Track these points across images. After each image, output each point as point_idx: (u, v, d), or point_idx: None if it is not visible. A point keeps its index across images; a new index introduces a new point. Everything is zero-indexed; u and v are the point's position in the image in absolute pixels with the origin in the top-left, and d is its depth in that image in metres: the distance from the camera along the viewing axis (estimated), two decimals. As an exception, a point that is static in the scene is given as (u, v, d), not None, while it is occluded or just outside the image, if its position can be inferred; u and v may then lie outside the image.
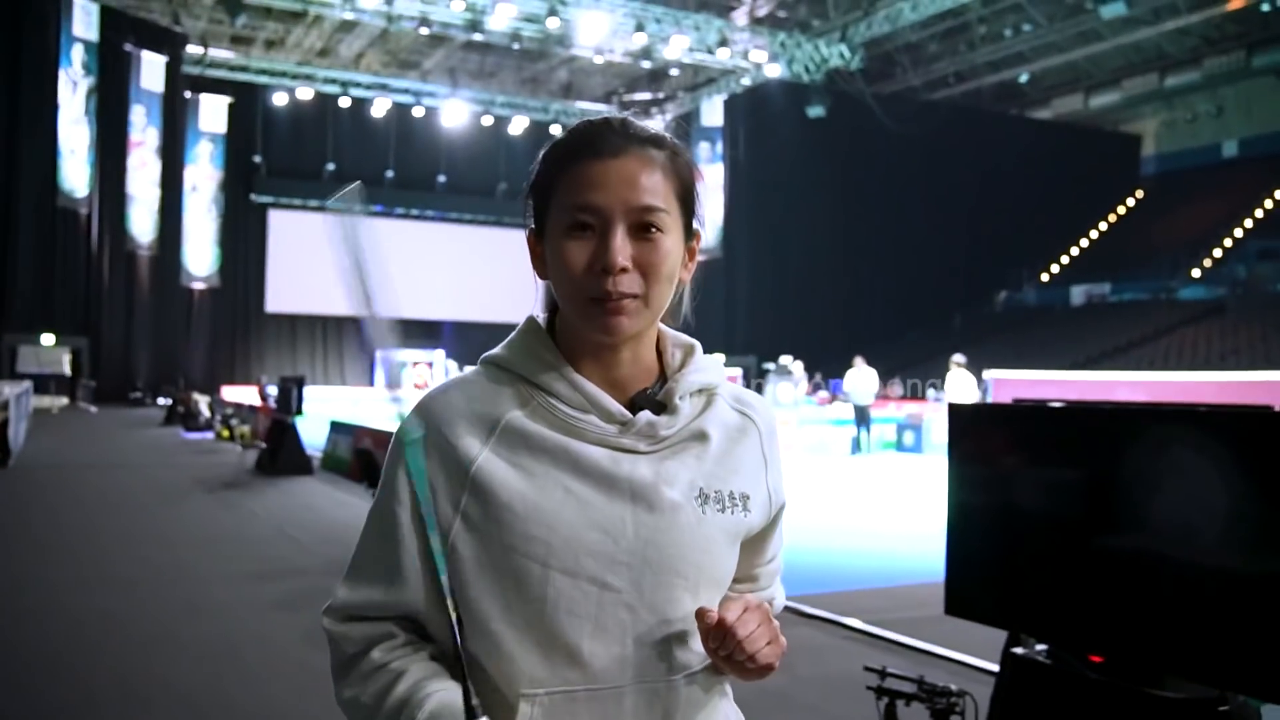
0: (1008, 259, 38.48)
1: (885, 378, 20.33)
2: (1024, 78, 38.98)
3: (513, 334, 1.24)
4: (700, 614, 1.14)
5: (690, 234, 1.21)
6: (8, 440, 13.61)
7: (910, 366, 29.02)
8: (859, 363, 17.66)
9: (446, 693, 1.12)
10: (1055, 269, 40.77)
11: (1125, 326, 31.17)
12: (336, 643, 1.20)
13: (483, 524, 1.13)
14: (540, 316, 1.25)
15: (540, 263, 1.22)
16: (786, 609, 6.22)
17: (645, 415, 1.18)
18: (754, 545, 1.30)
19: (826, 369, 26.95)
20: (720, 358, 1.32)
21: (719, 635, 1.12)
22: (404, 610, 1.18)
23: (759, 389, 24.91)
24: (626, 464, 1.16)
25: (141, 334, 30.08)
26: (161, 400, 26.46)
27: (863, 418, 17.49)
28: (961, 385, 16.95)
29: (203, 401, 21.24)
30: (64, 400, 26.50)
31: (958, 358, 17.17)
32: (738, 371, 30.72)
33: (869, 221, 35.66)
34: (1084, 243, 41.85)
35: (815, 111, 32.08)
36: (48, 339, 26.99)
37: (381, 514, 1.19)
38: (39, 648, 5.32)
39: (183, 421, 20.79)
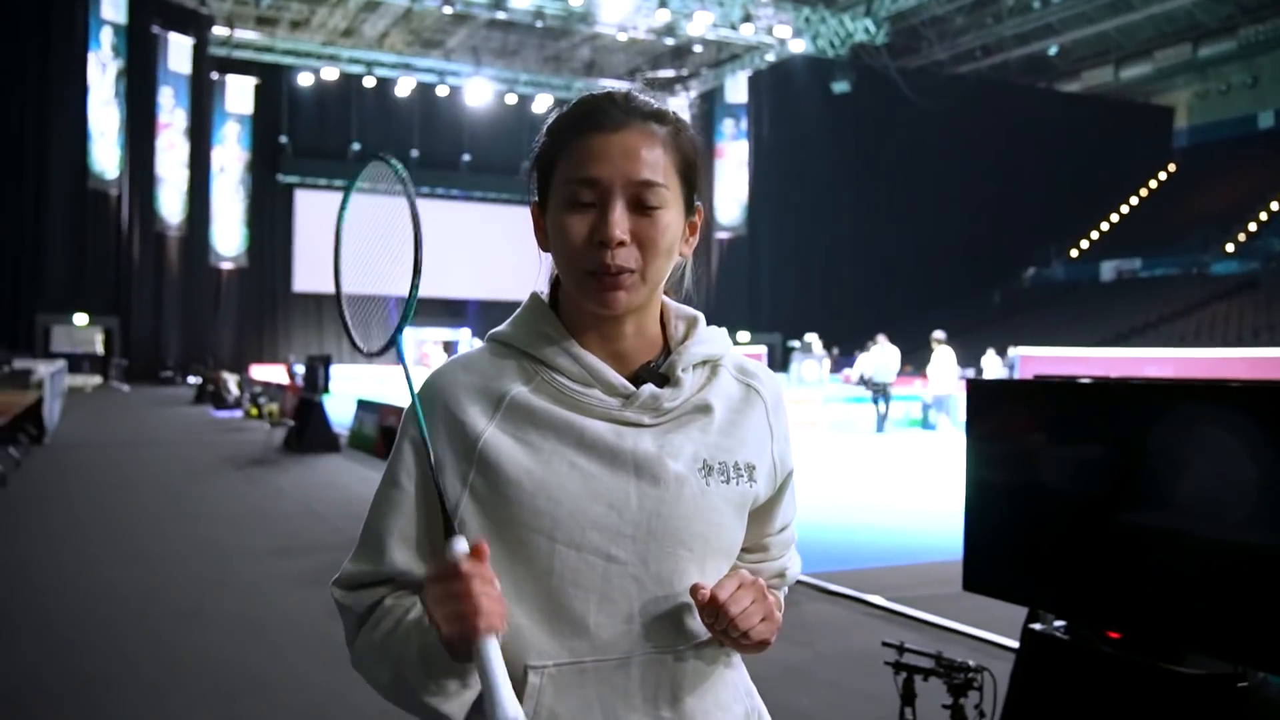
0: (1036, 235, 38.09)
1: (910, 356, 20.22)
2: (1053, 50, 38.43)
3: (517, 310, 1.25)
4: (694, 590, 1.14)
5: (691, 209, 1.21)
6: (42, 418, 13.80)
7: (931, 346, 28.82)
8: (881, 340, 17.60)
9: None
10: (1085, 245, 40.31)
11: (1156, 302, 30.84)
12: (347, 609, 1.21)
13: (489, 498, 1.15)
14: (543, 291, 1.26)
15: (543, 235, 1.22)
16: (808, 585, 6.24)
17: (648, 388, 1.18)
18: (762, 515, 1.29)
19: (850, 346, 26.85)
20: (723, 330, 1.31)
21: (712, 612, 1.13)
22: (411, 579, 1.19)
23: (784, 367, 24.88)
24: (630, 437, 1.16)
25: (171, 313, 30.40)
26: (191, 379, 26.73)
27: (884, 396, 17.45)
28: (942, 362, 16.94)
29: (231, 380, 21.45)
30: (97, 379, 26.85)
31: (938, 334, 17.19)
32: (763, 349, 30.65)
33: (894, 198, 35.39)
34: (1114, 218, 41.35)
35: (840, 87, 31.84)
36: (80, 319, 27.31)
37: (389, 486, 1.21)
38: (72, 621, 5.41)
39: (212, 400, 21.01)
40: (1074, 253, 39.94)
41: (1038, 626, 2.54)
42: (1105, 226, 41.04)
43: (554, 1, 28.91)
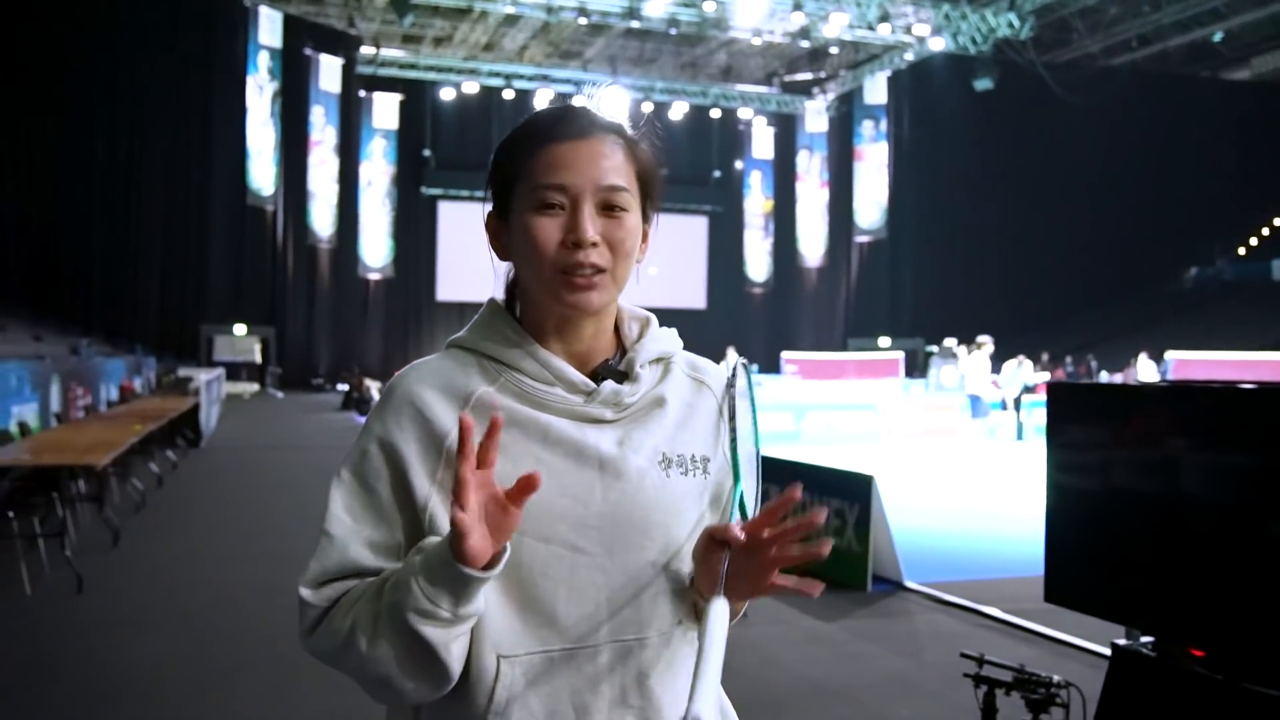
0: (1199, 233, 36.11)
1: (1057, 361, 19.52)
2: (1218, 36, 36.29)
3: (475, 316, 1.29)
4: (722, 531, 1.13)
5: (646, 218, 1.26)
6: (199, 423, 14.61)
7: (1086, 348, 27.65)
8: (988, 344, 17.15)
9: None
10: (1254, 241, 38.00)
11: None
12: (312, 605, 1.17)
13: None
14: (500, 298, 1.29)
15: (500, 245, 1.27)
16: (921, 595, 6.09)
17: (609, 384, 1.22)
18: (720, 507, 1.31)
19: (998, 352, 26.06)
20: (674, 330, 1.34)
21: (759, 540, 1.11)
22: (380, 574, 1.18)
23: (924, 372, 24.27)
24: (593, 433, 1.20)
25: (322, 323, 31.75)
26: (340, 386, 27.84)
27: (1006, 404, 16.95)
28: (976, 368, 16.27)
29: (374, 387, 22.24)
30: (255, 386, 28.26)
31: (981, 338, 16.54)
32: (901, 355, 29.99)
33: (1042, 197, 34.13)
34: (1286, 213, 38.88)
35: (983, 84, 30.85)
36: (239, 329, 28.80)
37: (356, 486, 1.20)
38: (204, 614, 5.71)
39: (356, 406, 21.83)
40: (1241, 250, 37.71)
41: (1121, 642, 2.41)
42: (1277, 222, 38.60)
43: (688, 8, 28.97)
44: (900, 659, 4.96)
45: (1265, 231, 38.35)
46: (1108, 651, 4.63)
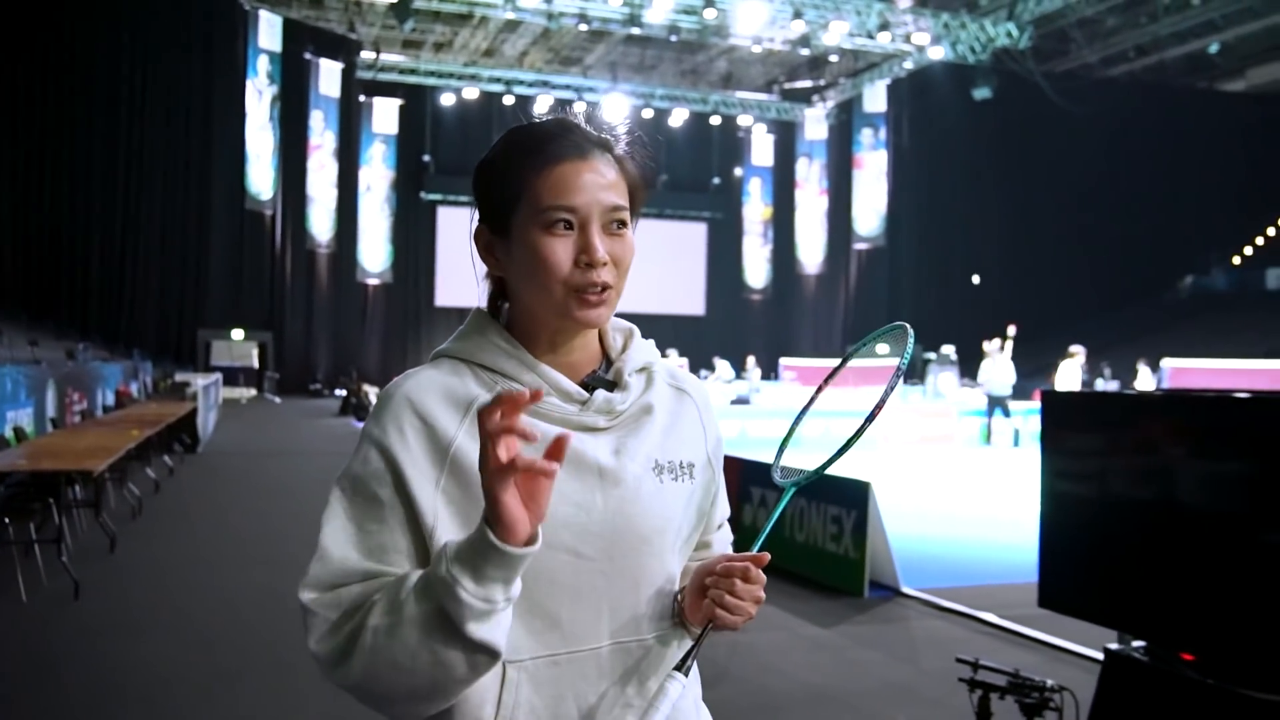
0: (1194, 242, 36.18)
1: (1050, 368, 19.53)
2: (1214, 47, 36.40)
3: (462, 326, 1.31)
4: (726, 559, 1.25)
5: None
6: (196, 428, 14.61)
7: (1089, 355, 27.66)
8: (993, 349, 17.10)
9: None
10: (1248, 251, 38.08)
11: (1329, 312, 28.88)
12: (319, 610, 1.15)
13: (462, 502, 1.17)
14: (483, 308, 1.32)
15: (493, 257, 1.29)
16: (919, 601, 6.11)
17: (601, 393, 1.26)
18: (705, 512, 1.37)
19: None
20: (652, 341, 1.40)
21: (741, 573, 1.23)
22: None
23: (921, 378, 24.30)
24: (590, 442, 1.23)
25: (321, 328, 31.72)
26: (338, 392, 27.82)
27: (1000, 408, 16.92)
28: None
29: (372, 393, 22.23)
30: (252, 391, 28.22)
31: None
32: (895, 361, 29.98)
33: (1039, 206, 34.19)
34: (1281, 223, 38.96)
35: (981, 93, 30.90)
36: (237, 334, 28.77)
37: (359, 494, 1.18)
38: (205, 619, 5.72)
39: (355, 412, 21.81)
40: (1236, 260, 37.78)
41: (1114, 646, 2.43)
42: (1271, 232, 38.68)
43: (689, 16, 29.02)
44: (898, 665, 4.98)
45: (1260, 241, 38.42)
46: (1100, 656, 4.68)
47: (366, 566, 1.16)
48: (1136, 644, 2.42)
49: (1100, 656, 4.63)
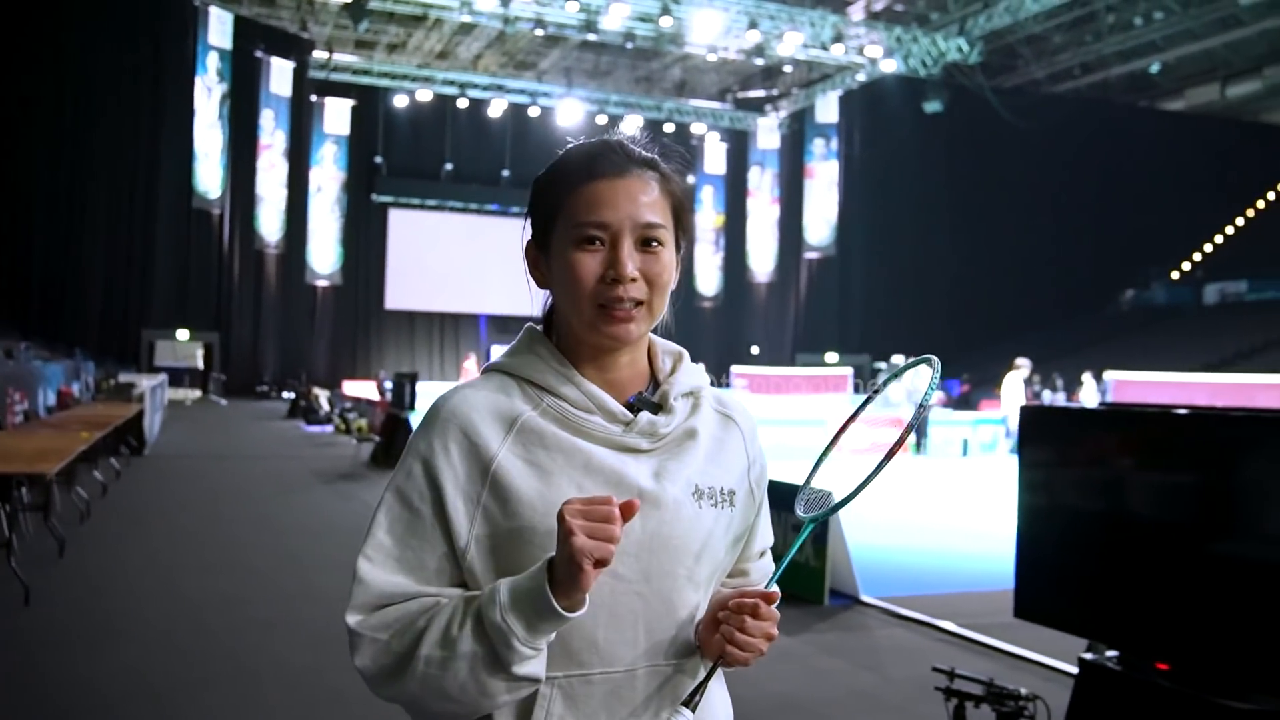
0: (1135, 257, 37.02)
1: (995, 380, 19.88)
2: (1155, 68, 37.31)
3: (514, 342, 1.33)
4: (738, 595, 1.24)
5: (679, 247, 1.31)
6: (143, 430, 14.35)
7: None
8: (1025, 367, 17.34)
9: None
10: (1186, 267, 39.05)
11: (1262, 326, 29.69)
12: (367, 633, 1.18)
13: (502, 519, 1.20)
14: (537, 325, 1.35)
15: (540, 273, 1.32)
16: (880, 610, 6.19)
17: (645, 415, 1.27)
18: (742, 540, 1.38)
19: (945, 370, 26.40)
20: (702, 365, 1.40)
21: (750, 609, 1.22)
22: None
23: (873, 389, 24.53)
24: (632, 463, 1.24)
25: (269, 330, 31.32)
26: (286, 394, 27.49)
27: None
28: (1013, 389, 16.65)
29: (323, 396, 21.99)
30: (197, 393, 27.76)
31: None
32: (849, 371, 30.34)
33: (987, 218, 34.77)
34: (1219, 239, 39.98)
35: (932, 107, 31.39)
36: (183, 334, 28.31)
37: (403, 506, 1.22)
38: (163, 626, 5.62)
39: (304, 415, 21.55)
40: (1175, 275, 38.71)
41: (1088, 656, 2.50)
42: (1209, 248, 39.70)
43: (644, 23, 29.12)
44: (864, 673, 5.04)
45: (1197, 257, 39.41)
46: (1063, 665, 4.78)
47: (407, 587, 1.20)
48: (1110, 653, 2.49)
49: (1063, 666, 4.75)
